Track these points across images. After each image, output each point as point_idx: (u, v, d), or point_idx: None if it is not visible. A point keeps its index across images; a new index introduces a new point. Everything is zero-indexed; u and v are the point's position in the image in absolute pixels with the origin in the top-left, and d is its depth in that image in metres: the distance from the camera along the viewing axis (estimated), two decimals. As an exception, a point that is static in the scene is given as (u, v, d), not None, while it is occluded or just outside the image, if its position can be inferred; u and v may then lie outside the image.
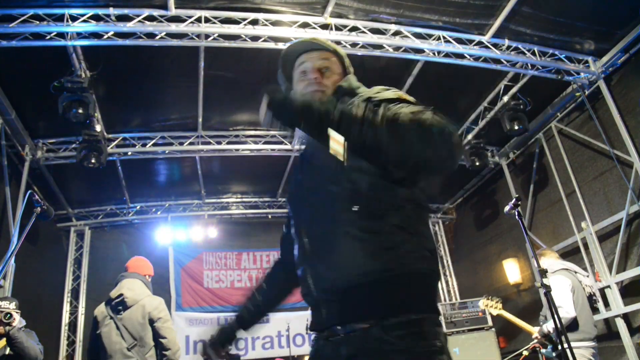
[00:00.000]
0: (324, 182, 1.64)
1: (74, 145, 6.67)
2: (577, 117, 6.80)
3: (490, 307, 5.73)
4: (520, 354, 5.85)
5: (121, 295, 3.92)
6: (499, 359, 6.29)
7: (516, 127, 6.63)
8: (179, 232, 8.58)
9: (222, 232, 8.97)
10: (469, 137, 7.59)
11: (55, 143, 6.74)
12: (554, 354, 5.10)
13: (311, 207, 1.70)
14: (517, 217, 3.57)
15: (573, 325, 4.79)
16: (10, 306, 4.39)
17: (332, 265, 1.55)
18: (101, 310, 3.99)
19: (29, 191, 2.99)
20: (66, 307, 8.08)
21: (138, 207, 8.73)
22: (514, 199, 3.61)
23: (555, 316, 4.72)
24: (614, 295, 6.14)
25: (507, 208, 3.67)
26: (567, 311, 4.78)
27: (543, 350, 5.25)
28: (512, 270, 8.15)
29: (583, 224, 6.60)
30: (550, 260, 5.30)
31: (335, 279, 1.53)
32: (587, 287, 5.05)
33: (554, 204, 7.26)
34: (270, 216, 9.35)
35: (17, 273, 6.01)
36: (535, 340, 5.29)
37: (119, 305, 3.90)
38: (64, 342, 7.81)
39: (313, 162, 1.76)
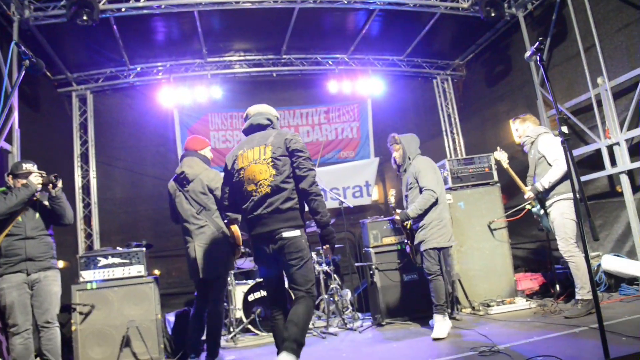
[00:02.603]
0: None
1: (62, 2, 6.26)
2: (606, -38, 6.22)
3: (501, 159, 5.90)
4: (524, 207, 6.02)
5: (183, 172, 4.72)
6: (503, 212, 6.47)
7: (538, -26, 6.11)
8: (183, 94, 8.37)
9: (227, 92, 8.76)
10: (486, -15, 7.04)
11: (43, 0, 6.30)
12: (541, 211, 5.35)
13: None
14: (538, 62, 3.37)
15: (564, 179, 5.04)
16: (34, 168, 4.50)
17: None
18: (171, 184, 4.88)
19: (14, 41, 2.82)
20: (77, 172, 8.22)
21: (138, 69, 8.46)
22: (537, 42, 3.38)
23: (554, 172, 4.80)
24: (622, 152, 6.14)
25: (528, 53, 3.48)
26: (563, 163, 4.90)
27: (533, 209, 5.47)
28: (519, 129, 8.09)
29: (599, 80, 6.38)
30: (535, 127, 5.50)
31: None
32: None
33: (570, 59, 6.95)
34: (275, 74, 9.10)
35: (23, 139, 6.01)
36: (528, 201, 5.48)
37: (184, 180, 4.73)
38: (80, 205, 8.07)
39: None
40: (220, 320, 4.79)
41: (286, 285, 3.78)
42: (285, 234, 3.48)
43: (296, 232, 3.51)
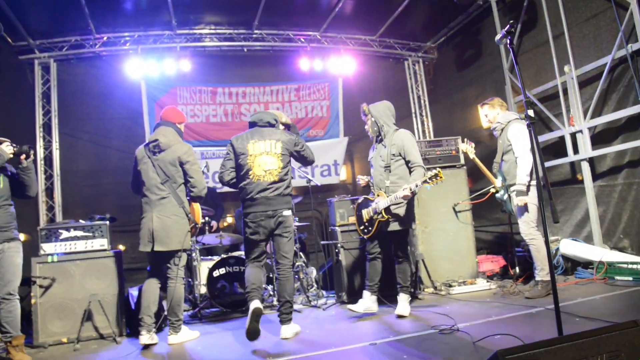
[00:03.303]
0: None
1: (25, -35, 6.00)
2: (578, -49, 6.30)
3: (467, 151, 6.10)
4: (488, 191, 6.16)
5: (156, 140, 4.67)
6: (468, 194, 6.58)
7: (511, -41, 6.15)
8: (151, 66, 8.17)
9: (196, 65, 8.59)
10: (460, -32, 7.07)
11: (4, -38, 6.03)
12: (505, 196, 5.49)
13: None
14: (508, 45, 3.39)
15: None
16: None
17: None
18: (140, 150, 4.78)
19: None
20: (40, 142, 7.94)
21: (105, 38, 8.18)
22: (508, 25, 3.38)
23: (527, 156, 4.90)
24: (584, 140, 6.30)
25: (498, 36, 3.48)
26: (529, 157, 5.03)
27: (497, 195, 5.61)
28: (486, 114, 8.24)
29: (566, 68, 6.51)
30: (504, 112, 5.58)
31: None
32: None
33: (539, 46, 7.06)
34: (246, 49, 8.96)
35: (-19, 107, 5.80)
36: (494, 190, 5.59)
37: (155, 148, 4.66)
38: (42, 176, 7.82)
39: None
40: (181, 296, 4.71)
41: (267, 249, 4.78)
42: (285, 213, 4.53)
43: (290, 212, 4.59)
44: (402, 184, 4.76)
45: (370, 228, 5.06)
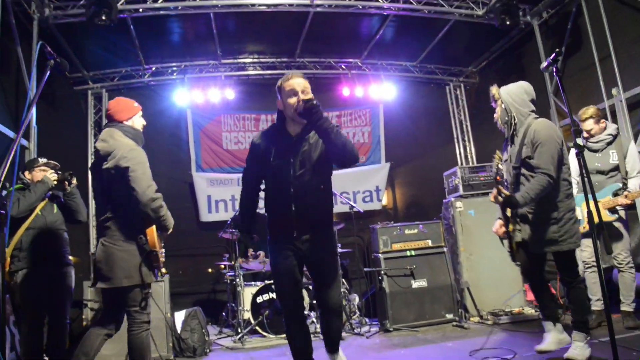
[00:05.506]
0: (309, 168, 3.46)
1: (82, 2, 6.33)
2: (624, -28, 6.20)
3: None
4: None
5: (95, 149, 3.60)
6: (513, 221, 6.45)
7: (554, -17, 6.09)
8: (196, 94, 8.45)
9: (240, 93, 8.82)
10: (501, -8, 7.03)
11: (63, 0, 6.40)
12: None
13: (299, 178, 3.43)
14: (555, 73, 3.33)
15: None
16: (42, 160, 4.67)
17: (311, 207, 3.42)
18: (92, 164, 3.73)
19: (40, 42, 2.87)
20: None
21: (153, 69, 8.52)
22: (554, 53, 3.29)
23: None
24: (635, 165, 6.09)
25: (544, 64, 3.42)
26: None
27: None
28: (531, 138, 8.09)
29: (614, 91, 6.36)
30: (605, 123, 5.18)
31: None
32: None
33: (584, 69, 6.92)
34: (288, 78, 9.12)
35: (40, 135, 6.09)
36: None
37: (98, 159, 3.58)
38: (91, 201, 8.06)
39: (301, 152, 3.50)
40: (146, 349, 3.63)
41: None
42: None
43: None
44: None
45: (509, 249, 4.20)
